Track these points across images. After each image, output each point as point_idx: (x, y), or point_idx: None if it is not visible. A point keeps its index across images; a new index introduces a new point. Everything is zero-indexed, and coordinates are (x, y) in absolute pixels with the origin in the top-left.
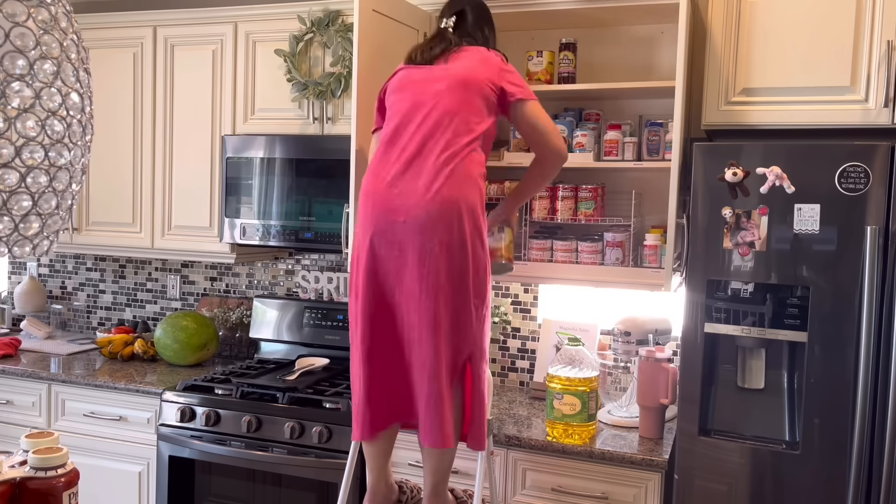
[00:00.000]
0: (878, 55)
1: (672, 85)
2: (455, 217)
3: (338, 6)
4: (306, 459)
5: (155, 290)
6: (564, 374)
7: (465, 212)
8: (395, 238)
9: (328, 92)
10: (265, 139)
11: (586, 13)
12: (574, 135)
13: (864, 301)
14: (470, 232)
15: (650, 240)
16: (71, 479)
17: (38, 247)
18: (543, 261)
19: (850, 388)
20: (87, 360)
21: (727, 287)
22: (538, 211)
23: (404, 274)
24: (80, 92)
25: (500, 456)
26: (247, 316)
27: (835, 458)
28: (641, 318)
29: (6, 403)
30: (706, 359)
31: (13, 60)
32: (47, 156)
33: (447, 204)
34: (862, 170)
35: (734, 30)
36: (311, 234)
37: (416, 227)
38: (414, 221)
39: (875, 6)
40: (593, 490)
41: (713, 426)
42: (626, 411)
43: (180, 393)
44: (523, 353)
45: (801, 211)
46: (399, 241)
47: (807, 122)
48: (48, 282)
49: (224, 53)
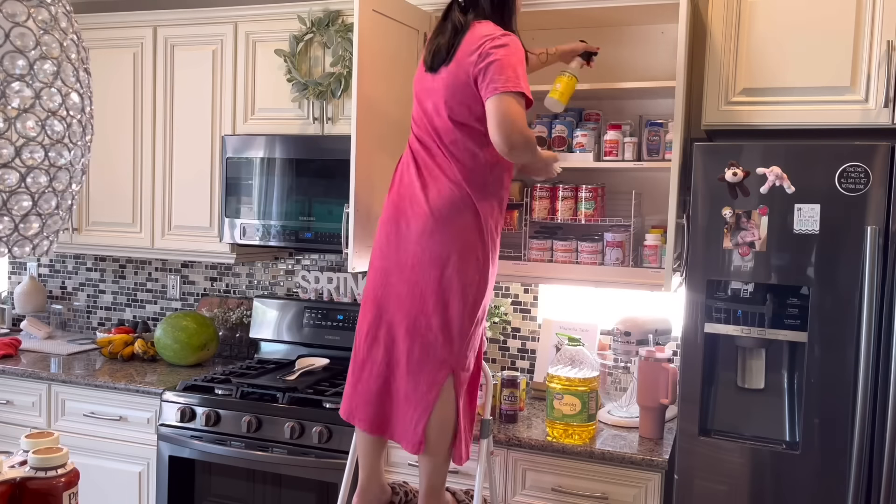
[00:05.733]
0: (878, 55)
1: (672, 85)
2: (447, 238)
3: (338, 6)
4: (306, 459)
5: (155, 291)
6: (564, 374)
7: (457, 233)
8: (398, 241)
9: (328, 92)
10: (265, 139)
11: (586, 13)
12: (574, 135)
13: (864, 301)
14: (458, 252)
15: (650, 240)
16: (71, 479)
17: (38, 247)
18: (543, 261)
19: (850, 388)
20: (87, 361)
21: (727, 287)
22: (538, 211)
23: (401, 274)
24: (80, 92)
25: (500, 456)
26: (247, 316)
27: (835, 458)
28: (641, 318)
29: (6, 403)
30: (706, 359)
31: (13, 60)
32: (47, 156)
33: (439, 222)
34: (862, 170)
35: (734, 30)
36: (311, 234)
37: (415, 235)
38: (413, 229)
39: (875, 6)
40: (593, 490)
41: (713, 426)
42: (626, 411)
43: (180, 393)
44: (523, 353)
45: (801, 211)
46: (401, 245)
47: (807, 122)
48: (48, 282)
49: (224, 53)
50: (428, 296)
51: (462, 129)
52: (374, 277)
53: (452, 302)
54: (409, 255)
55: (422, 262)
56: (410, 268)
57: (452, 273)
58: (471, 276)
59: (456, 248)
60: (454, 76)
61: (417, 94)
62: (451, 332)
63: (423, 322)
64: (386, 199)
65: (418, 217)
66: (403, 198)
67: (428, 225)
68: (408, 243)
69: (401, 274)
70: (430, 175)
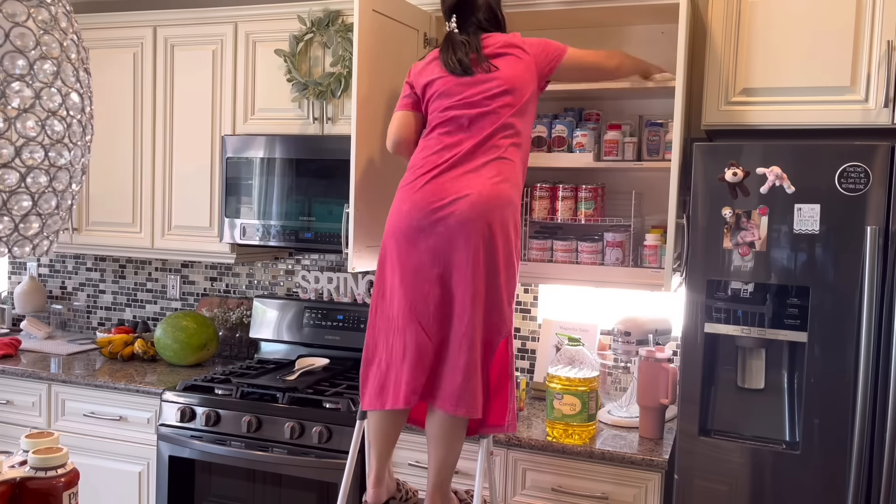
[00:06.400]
0: (878, 55)
1: (672, 85)
2: (501, 205)
3: (338, 6)
4: (306, 459)
5: (155, 290)
6: (564, 374)
7: (512, 201)
8: (446, 217)
9: (328, 92)
10: (265, 139)
11: (586, 13)
12: (574, 135)
13: (864, 301)
14: (507, 220)
15: (650, 240)
16: (71, 479)
17: (38, 247)
18: (543, 261)
19: (850, 388)
20: (87, 360)
21: (727, 287)
22: (538, 211)
23: (456, 249)
24: (80, 92)
25: (500, 456)
26: (247, 316)
27: (835, 458)
28: (641, 318)
29: (6, 403)
30: (706, 359)
31: (13, 60)
32: (47, 156)
33: (496, 195)
34: (862, 170)
35: (734, 30)
36: (311, 234)
37: (468, 209)
38: (468, 204)
39: (875, 6)
40: (593, 490)
41: (713, 426)
42: (626, 411)
43: (180, 393)
44: (523, 353)
45: (801, 211)
46: (450, 221)
47: (807, 122)
48: (48, 282)
49: (224, 53)
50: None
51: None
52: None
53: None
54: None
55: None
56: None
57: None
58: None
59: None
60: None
61: (452, 92)
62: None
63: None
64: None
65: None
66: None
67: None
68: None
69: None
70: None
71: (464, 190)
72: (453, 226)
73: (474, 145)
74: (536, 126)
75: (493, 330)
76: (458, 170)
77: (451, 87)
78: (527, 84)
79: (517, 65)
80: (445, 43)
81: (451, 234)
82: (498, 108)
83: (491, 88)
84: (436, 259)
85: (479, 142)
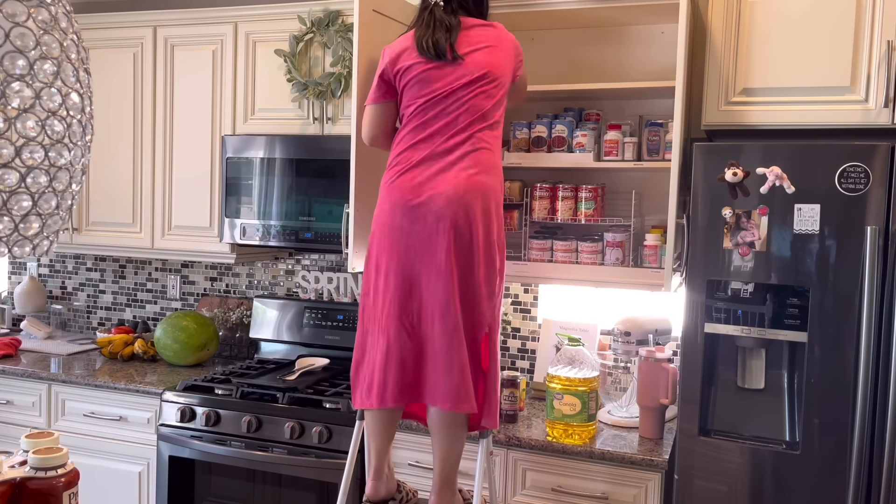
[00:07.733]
0: (878, 55)
1: (672, 85)
2: (477, 198)
3: (338, 6)
4: (306, 459)
5: (155, 291)
6: (564, 375)
7: (488, 193)
8: (424, 214)
9: (328, 92)
10: (265, 139)
11: (586, 13)
12: (574, 135)
13: (864, 301)
14: (487, 211)
15: (650, 240)
16: (71, 479)
17: (38, 247)
18: (543, 261)
19: (850, 388)
20: (87, 361)
21: (727, 287)
22: (538, 211)
23: (433, 246)
24: (80, 92)
25: (500, 456)
26: (247, 316)
27: (835, 458)
28: (641, 318)
29: (6, 403)
30: (706, 359)
31: (13, 60)
32: (47, 156)
33: (471, 189)
34: (862, 170)
35: (734, 30)
36: (311, 234)
37: (444, 206)
38: (443, 201)
39: (875, 6)
40: (593, 490)
41: (713, 426)
42: (626, 411)
43: (180, 393)
44: (523, 353)
45: (801, 211)
46: (428, 218)
47: (807, 122)
48: (48, 282)
49: (224, 54)
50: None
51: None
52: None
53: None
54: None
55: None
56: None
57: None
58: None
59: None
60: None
61: (430, 80)
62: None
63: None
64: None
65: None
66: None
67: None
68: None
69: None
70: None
71: (440, 186)
72: (431, 223)
73: (449, 137)
74: (536, 126)
75: (476, 325)
76: (435, 165)
77: (428, 75)
78: (506, 74)
79: (497, 53)
80: (424, 18)
81: (428, 232)
82: (475, 98)
83: (467, 74)
84: (416, 257)
85: (454, 133)
